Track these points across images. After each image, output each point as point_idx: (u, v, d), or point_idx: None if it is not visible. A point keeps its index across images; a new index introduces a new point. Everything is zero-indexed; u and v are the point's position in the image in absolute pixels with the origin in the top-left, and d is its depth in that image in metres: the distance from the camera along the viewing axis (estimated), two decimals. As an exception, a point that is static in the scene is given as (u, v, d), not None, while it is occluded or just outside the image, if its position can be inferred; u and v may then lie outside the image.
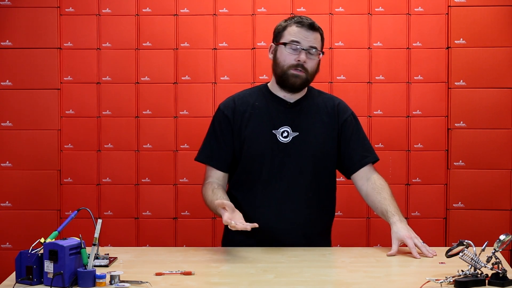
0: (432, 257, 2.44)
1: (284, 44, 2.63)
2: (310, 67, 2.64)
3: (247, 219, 2.53)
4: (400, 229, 2.52)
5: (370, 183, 2.69)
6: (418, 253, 2.45)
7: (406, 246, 2.49)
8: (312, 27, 2.64)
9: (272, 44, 2.71)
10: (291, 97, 2.71)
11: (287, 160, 2.66)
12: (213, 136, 2.75)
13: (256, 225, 2.42)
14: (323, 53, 2.68)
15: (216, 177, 2.74)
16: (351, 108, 2.80)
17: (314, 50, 2.63)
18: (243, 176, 2.72)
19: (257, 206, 2.67)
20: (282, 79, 2.66)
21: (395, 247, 2.49)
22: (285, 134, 2.67)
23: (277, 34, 2.69)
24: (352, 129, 2.73)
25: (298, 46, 2.62)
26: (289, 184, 2.66)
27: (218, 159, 2.74)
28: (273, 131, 2.67)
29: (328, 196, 2.78)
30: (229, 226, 2.39)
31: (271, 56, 2.71)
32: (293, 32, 2.63)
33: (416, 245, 2.47)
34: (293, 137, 2.66)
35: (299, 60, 2.62)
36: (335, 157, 2.74)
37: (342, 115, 2.73)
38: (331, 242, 2.83)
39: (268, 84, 2.77)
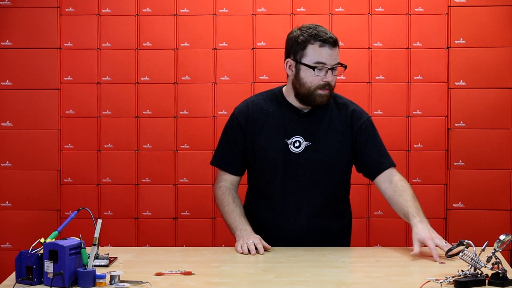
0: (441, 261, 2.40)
1: (312, 67, 2.55)
2: (334, 83, 2.61)
3: (263, 226, 2.65)
4: (421, 230, 2.47)
5: (392, 185, 2.65)
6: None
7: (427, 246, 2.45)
8: (335, 43, 2.57)
9: (290, 60, 2.61)
10: (305, 107, 2.67)
11: (300, 170, 2.64)
12: (226, 141, 2.75)
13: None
14: (346, 66, 2.61)
15: (230, 181, 2.76)
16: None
17: (338, 66, 2.59)
18: (259, 184, 2.73)
19: (272, 214, 2.68)
20: (308, 98, 2.61)
21: (416, 248, 2.45)
22: (297, 144, 2.64)
23: (296, 50, 2.59)
24: (367, 135, 2.68)
25: (325, 67, 2.56)
26: (303, 193, 2.65)
27: (229, 164, 2.75)
28: (285, 140, 2.65)
29: (343, 203, 2.78)
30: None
31: (290, 72, 2.62)
32: (317, 52, 2.55)
33: (438, 246, 2.42)
34: (305, 147, 2.64)
35: (326, 81, 2.57)
36: (350, 165, 2.72)
37: (356, 122, 2.68)
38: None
39: (283, 89, 2.72)
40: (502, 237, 2.10)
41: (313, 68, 2.55)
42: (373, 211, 4.16)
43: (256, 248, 2.50)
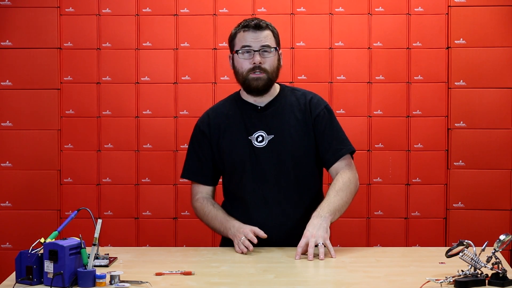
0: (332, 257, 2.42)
1: (237, 52, 2.63)
2: (268, 66, 2.64)
3: None
4: (310, 224, 2.49)
5: (335, 179, 2.66)
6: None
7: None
8: (259, 26, 2.63)
9: (230, 54, 2.71)
10: (261, 101, 2.70)
11: (266, 164, 2.66)
12: (193, 153, 2.77)
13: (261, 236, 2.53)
14: (276, 49, 2.65)
15: (205, 192, 2.77)
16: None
17: (267, 48, 2.62)
18: (231, 187, 2.75)
19: (247, 213, 2.67)
20: (245, 85, 2.66)
21: (302, 241, 2.45)
22: (259, 138, 2.67)
23: (230, 44, 2.69)
24: (325, 123, 2.70)
25: (250, 50, 2.61)
26: (273, 187, 2.66)
27: (202, 175, 2.76)
28: (248, 137, 2.67)
29: (315, 195, 2.76)
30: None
31: (231, 66, 2.71)
32: (242, 38, 2.63)
33: (308, 246, 2.42)
34: (268, 140, 2.66)
35: (254, 63, 2.61)
36: (315, 153, 2.71)
37: (314, 110, 2.70)
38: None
39: (240, 91, 2.77)
40: (502, 237, 2.10)
41: (238, 52, 2.63)
42: (373, 211, 4.16)
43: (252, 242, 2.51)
